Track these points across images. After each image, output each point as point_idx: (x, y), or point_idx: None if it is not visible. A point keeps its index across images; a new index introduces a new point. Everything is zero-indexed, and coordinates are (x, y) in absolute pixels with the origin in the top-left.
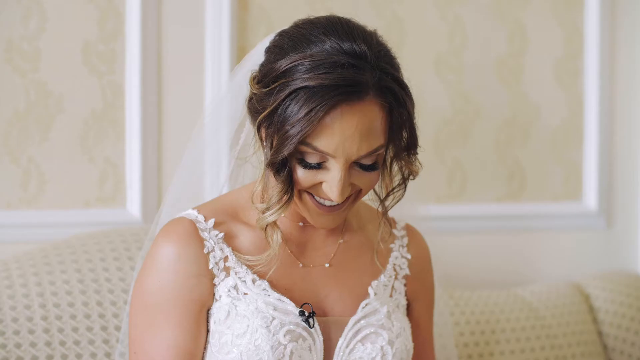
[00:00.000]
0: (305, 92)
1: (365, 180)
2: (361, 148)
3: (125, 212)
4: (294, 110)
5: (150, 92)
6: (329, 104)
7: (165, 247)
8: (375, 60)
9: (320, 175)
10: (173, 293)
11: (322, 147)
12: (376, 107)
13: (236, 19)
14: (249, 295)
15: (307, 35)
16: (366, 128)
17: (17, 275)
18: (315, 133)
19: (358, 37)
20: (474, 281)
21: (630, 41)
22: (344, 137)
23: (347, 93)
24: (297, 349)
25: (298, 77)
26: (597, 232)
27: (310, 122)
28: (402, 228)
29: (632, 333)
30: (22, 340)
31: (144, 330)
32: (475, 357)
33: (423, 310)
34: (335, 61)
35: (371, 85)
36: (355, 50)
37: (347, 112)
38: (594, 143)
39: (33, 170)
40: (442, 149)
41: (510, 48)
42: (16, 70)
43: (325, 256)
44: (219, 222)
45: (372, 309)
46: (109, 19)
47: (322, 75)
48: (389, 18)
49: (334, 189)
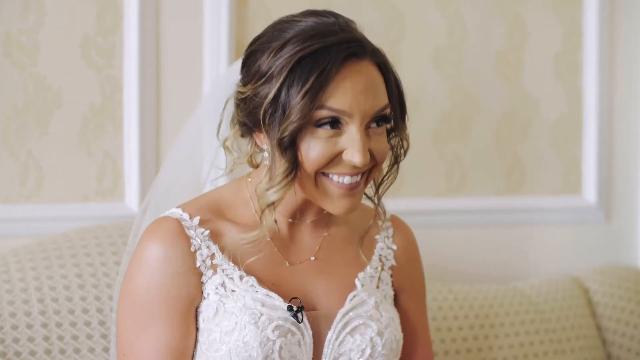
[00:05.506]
0: (311, 58)
1: (381, 145)
2: (374, 104)
3: (123, 207)
4: (302, 78)
5: (148, 86)
6: (340, 59)
7: (151, 247)
8: (360, 30)
9: (339, 144)
10: (161, 293)
11: (338, 106)
12: (375, 67)
13: (235, 13)
14: (237, 292)
15: (284, 24)
16: (372, 85)
17: (15, 270)
18: (329, 93)
19: (337, 15)
20: (473, 275)
21: (630, 35)
22: (356, 93)
23: (352, 48)
24: (287, 344)
25: (295, 51)
26: (597, 226)
27: (323, 82)
28: (387, 219)
29: (631, 327)
30: (20, 335)
31: (133, 331)
32: (475, 351)
33: (411, 300)
34: (327, 28)
35: (365, 46)
36: (339, 21)
37: (354, 68)
38: (593, 137)
39: (32, 165)
40: (442, 143)
41: (509, 42)
42: (15, 65)
43: (311, 250)
44: (204, 220)
45: (359, 301)
46: (107, 13)
47: (322, 40)
48: (388, 12)
49: (355, 151)
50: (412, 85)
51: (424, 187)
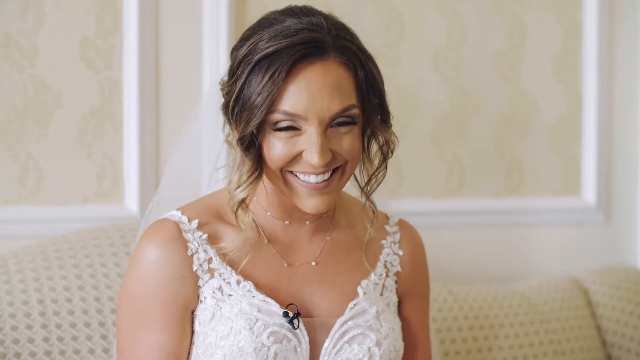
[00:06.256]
0: (267, 60)
1: (345, 145)
2: (332, 105)
3: (123, 208)
4: (257, 79)
5: (148, 87)
6: (290, 62)
7: (148, 250)
8: (334, 29)
9: (299, 144)
10: (157, 295)
11: (291, 110)
12: (340, 66)
13: (234, 14)
14: (234, 296)
15: (264, 21)
16: (333, 85)
17: (15, 271)
18: (282, 96)
19: (315, 13)
20: (473, 276)
21: (629, 35)
22: (311, 94)
23: (306, 49)
24: (282, 350)
25: (258, 50)
26: (596, 227)
27: (274, 84)
28: (394, 224)
29: (630, 327)
30: (20, 336)
31: (130, 331)
32: (474, 352)
33: (414, 307)
34: (292, 28)
35: (330, 45)
36: (312, 21)
37: (310, 69)
38: (592, 137)
39: (31, 166)
40: (441, 144)
41: (508, 43)
42: (14, 66)
43: (311, 254)
44: (203, 223)
45: (360, 310)
46: (107, 14)
47: (280, 41)
48: (387, 13)
49: (312, 152)
50: (412, 86)
51: (423, 188)
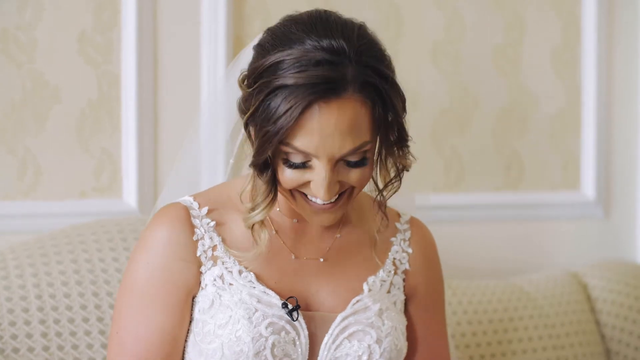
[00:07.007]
0: (283, 91)
1: (354, 177)
2: (343, 146)
3: (121, 203)
4: (272, 109)
5: (146, 82)
6: (304, 102)
7: (156, 230)
8: (355, 55)
9: (307, 174)
10: (160, 276)
11: (302, 147)
12: (357, 103)
13: (232, 10)
14: (234, 286)
15: (288, 34)
16: (347, 125)
17: (13, 266)
18: (294, 132)
19: (337, 32)
20: (472, 271)
21: (628, 30)
22: (323, 136)
23: (322, 91)
24: (280, 342)
25: (277, 75)
26: (595, 221)
27: (288, 121)
28: (405, 222)
29: (630, 322)
30: (18, 331)
31: (131, 311)
32: (473, 346)
33: (421, 307)
34: (311, 58)
35: (350, 80)
36: (333, 46)
37: (324, 110)
38: (591, 132)
39: (29, 161)
40: (440, 139)
41: (507, 38)
42: (12, 61)
43: (321, 250)
44: (212, 210)
45: (362, 306)
46: (105, 8)
47: (297, 74)
48: (386, 8)
49: (320, 188)
50: (411, 81)
51: (422, 183)
